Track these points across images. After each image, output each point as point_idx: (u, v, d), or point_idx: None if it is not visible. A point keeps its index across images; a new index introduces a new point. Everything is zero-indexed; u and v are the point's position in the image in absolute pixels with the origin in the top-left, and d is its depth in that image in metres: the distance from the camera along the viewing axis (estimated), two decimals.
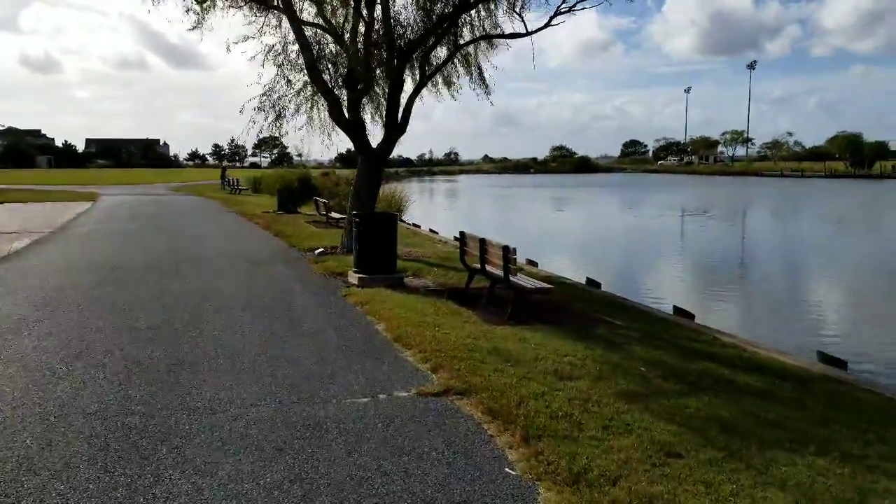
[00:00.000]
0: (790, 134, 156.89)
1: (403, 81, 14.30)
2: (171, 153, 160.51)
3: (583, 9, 14.33)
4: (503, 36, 14.86)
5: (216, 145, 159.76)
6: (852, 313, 14.32)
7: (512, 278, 8.63)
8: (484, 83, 15.47)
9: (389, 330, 7.67)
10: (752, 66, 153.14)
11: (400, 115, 14.21)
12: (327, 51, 15.05)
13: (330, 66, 14.96)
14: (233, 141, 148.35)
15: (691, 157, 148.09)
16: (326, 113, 15.15)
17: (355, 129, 14.06)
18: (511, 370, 6.19)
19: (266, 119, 14.73)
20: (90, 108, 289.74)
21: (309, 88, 15.34)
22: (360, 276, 10.73)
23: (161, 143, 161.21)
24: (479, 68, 15.49)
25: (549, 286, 8.78)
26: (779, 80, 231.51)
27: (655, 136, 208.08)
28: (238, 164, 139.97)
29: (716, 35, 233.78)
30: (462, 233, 10.35)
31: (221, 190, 40.87)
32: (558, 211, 43.64)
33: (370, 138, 14.59)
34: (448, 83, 15.93)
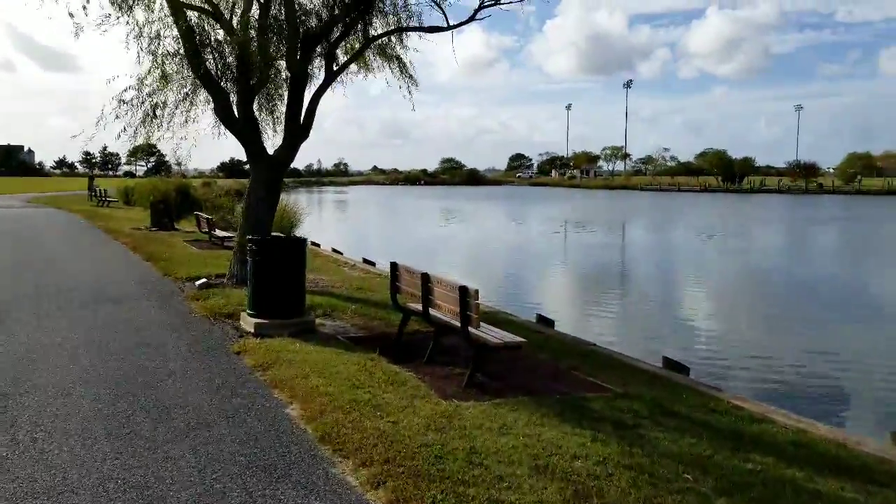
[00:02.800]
0: (666, 149, 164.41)
1: (308, 76, 11.84)
2: (37, 161, 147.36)
3: (509, 2, 12.55)
4: (422, 29, 12.69)
5: (87, 153, 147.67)
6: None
7: (472, 329, 6.45)
8: (408, 75, 13.14)
9: (309, 418, 5.27)
10: (628, 84, 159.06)
11: (303, 116, 11.77)
12: (212, 38, 12.29)
13: (215, 55, 12.22)
14: (105, 148, 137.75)
15: (573, 170, 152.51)
16: (211, 112, 12.46)
17: (248, 130, 11.46)
18: (512, 497, 4.00)
19: (134, 117, 11.80)
20: None
21: (189, 82, 12.53)
22: (258, 320, 8.20)
23: (25, 149, 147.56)
24: (399, 59, 13.16)
25: (521, 340, 6.65)
26: (649, 99, 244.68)
27: (538, 150, 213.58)
28: (112, 173, 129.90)
29: (593, 56, 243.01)
30: (394, 264, 8.06)
31: (89, 201, 36.20)
32: (461, 225, 42.00)
33: (266, 145, 12.05)
34: (367, 68, 13.48)
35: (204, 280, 11.33)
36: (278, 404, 5.66)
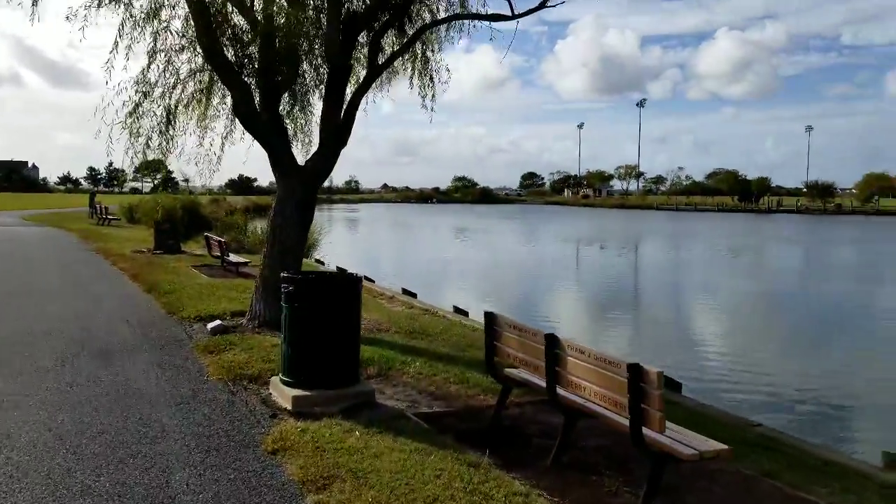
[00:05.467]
0: (681, 168, 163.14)
1: (351, 67, 9.61)
2: (42, 176, 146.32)
3: None
4: (484, 17, 10.44)
5: (91, 168, 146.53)
6: None
7: (651, 433, 4.09)
8: (431, 81, 10.91)
9: None
10: (641, 104, 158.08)
11: (341, 118, 9.50)
12: (231, 21, 10.05)
13: (234, 43, 9.98)
14: (110, 164, 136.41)
15: (587, 189, 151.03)
16: (228, 115, 10.29)
17: (275, 135, 9.19)
18: None
19: (143, 127, 9.55)
20: None
21: (197, 78, 10.32)
22: (297, 392, 5.86)
23: (30, 165, 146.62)
24: (427, 60, 10.97)
25: (723, 448, 4.27)
26: (660, 119, 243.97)
27: (549, 169, 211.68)
28: (117, 190, 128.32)
29: (604, 76, 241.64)
30: (490, 316, 5.70)
31: (89, 219, 34.02)
32: (488, 245, 39.56)
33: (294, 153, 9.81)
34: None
35: (219, 322, 8.98)
36: None
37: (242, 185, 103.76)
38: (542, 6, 10.32)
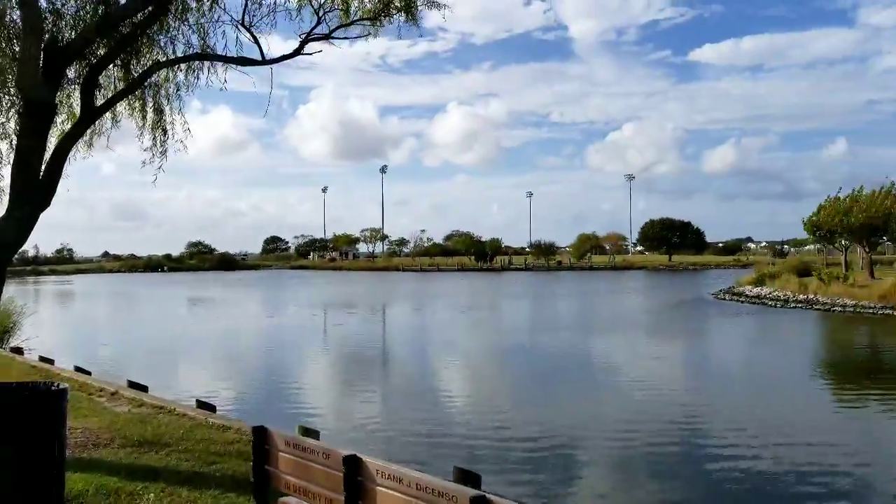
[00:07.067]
0: (423, 231, 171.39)
1: (56, 108, 7.56)
2: None
3: (344, 38, 9.77)
4: (231, 60, 9.14)
5: None
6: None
7: None
8: (164, 135, 9.27)
9: None
10: (383, 170, 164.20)
11: (42, 172, 7.37)
12: None
13: None
14: None
15: (333, 253, 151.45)
16: None
17: None
18: None
19: None
20: None
21: None
22: None
23: None
24: (161, 111, 9.34)
25: None
26: (400, 184, 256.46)
27: (292, 232, 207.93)
28: None
29: (345, 142, 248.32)
30: (261, 430, 4.19)
31: None
32: (236, 320, 36.38)
33: None
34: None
35: None
36: None
37: None
38: (297, 52, 9.37)
